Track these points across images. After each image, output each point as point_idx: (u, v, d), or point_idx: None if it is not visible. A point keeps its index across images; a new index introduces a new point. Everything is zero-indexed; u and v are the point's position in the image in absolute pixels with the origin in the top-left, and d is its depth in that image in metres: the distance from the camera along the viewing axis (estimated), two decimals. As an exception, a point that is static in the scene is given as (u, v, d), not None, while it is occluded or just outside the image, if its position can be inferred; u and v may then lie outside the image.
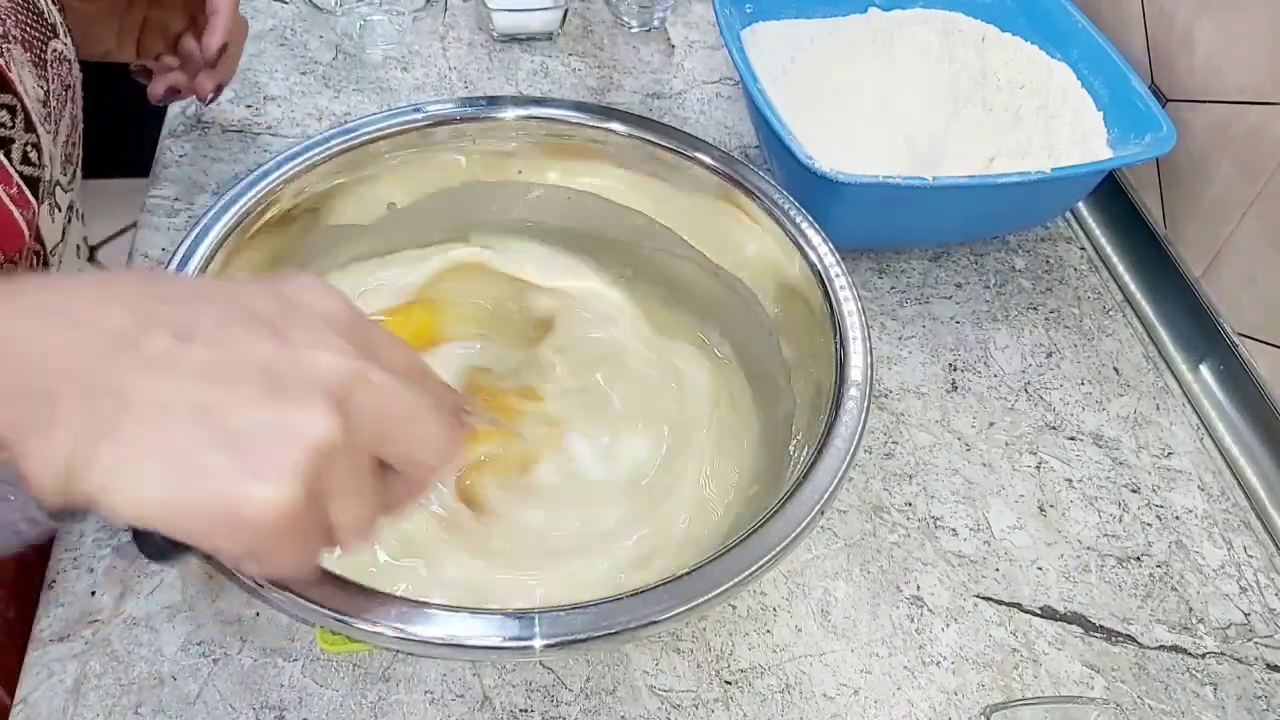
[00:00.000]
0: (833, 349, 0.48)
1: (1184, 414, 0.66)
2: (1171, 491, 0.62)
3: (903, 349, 0.67)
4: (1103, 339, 0.70)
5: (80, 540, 0.52)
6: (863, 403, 0.45)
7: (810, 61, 0.74)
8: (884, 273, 0.72)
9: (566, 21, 0.87)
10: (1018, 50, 0.74)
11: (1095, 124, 0.70)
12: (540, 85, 0.83)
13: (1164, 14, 0.72)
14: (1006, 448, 0.62)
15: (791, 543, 0.41)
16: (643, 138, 0.57)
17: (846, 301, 0.49)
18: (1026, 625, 0.54)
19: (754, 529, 0.41)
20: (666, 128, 0.58)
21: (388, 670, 0.49)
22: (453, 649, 0.38)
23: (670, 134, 0.57)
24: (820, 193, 0.60)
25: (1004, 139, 0.69)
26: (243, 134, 0.74)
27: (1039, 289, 0.72)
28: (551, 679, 0.50)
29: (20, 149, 0.45)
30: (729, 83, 0.85)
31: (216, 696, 0.48)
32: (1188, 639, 0.55)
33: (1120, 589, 0.57)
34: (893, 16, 0.78)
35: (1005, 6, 0.78)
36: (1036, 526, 0.59)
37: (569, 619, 0.38)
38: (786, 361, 0.54)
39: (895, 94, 0.72)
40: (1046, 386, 0.66)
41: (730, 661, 0.51)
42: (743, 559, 0.40)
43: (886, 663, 0.52)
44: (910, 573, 0.56)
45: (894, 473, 0.60)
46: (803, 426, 0.49)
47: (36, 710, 0.46)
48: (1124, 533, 0.59)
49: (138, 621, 0.50)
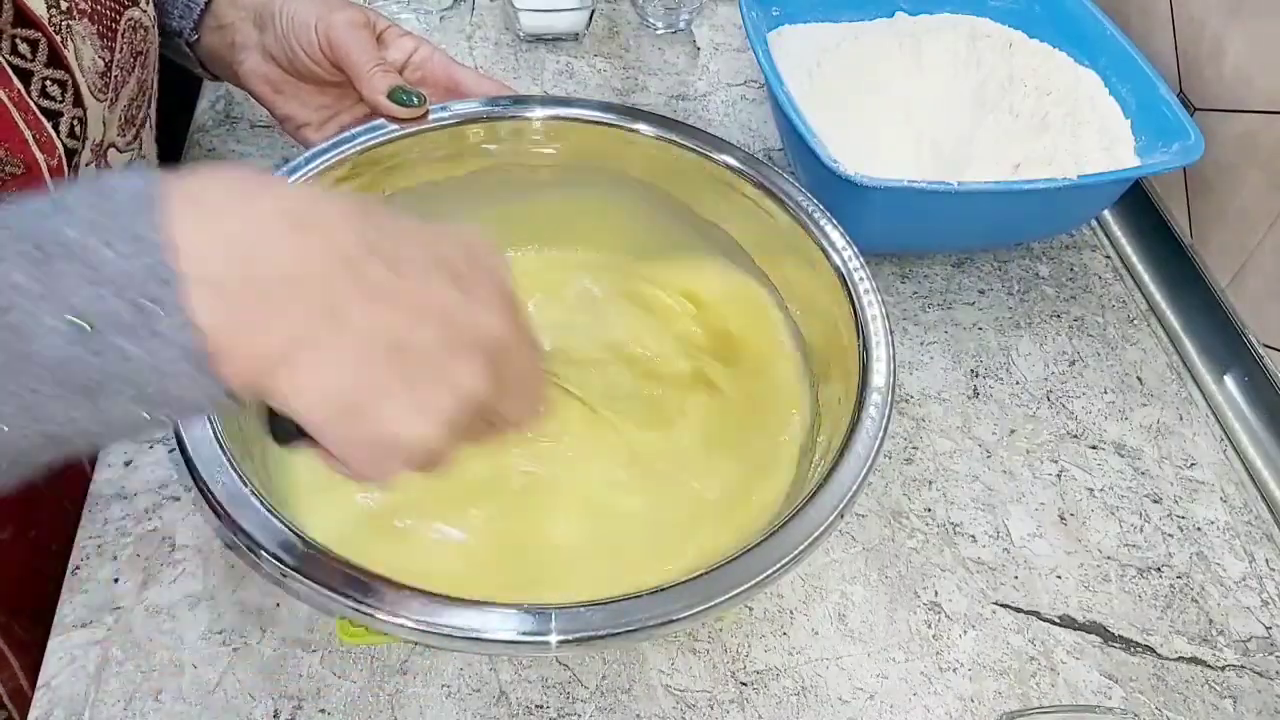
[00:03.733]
0: (856, 353, 0.48)
1: (1207, 425, 0.66)
2: (1193, 503, 0.61)
3: (924, 354, 0.67)
4: (1126, 348, 0.69)
5: (104, 528, 0.53)
6: (885, 408, 0.45)
7: (836, 65, 0.74)
8: (907, 277, 0.71)
9: (592, 22, 0.87)
10: (1046, 56, 0.74)
11: (1122, 131, 0.70)
12: (565, 86, 0.83)
13: (1193, 22, 0.72)
14: (1027, 455, 0.62)
15: (809, 546, 0.41)
16: (668, 139, 0.57)
17: (870, 306, 0.49)
18: (1045, 634, 0.54)
19: (773, 531, 0.41)
20: (692, 129, 0.58)
21: (405, 663, 0.50)
22: (469, 641, 0.38)
23: (695, 135, 0.57)
24: (844, 196, 0.60)
25: (1030, 145, 0.68)
26: (270, 129, 0.75)
27: (1063, 296, 0.72)
28: (567, 675, 0.50)
29: (68, 122, 0.47)
30: (754, 85, 0.85)
31: (236, 685, 0.48)
32: (1207, 651, 0.55)
33: (1140, 599, 0.56)
34: (919, 21, 0.78)
35: (1033, 12, 0.77)
36: (1056, 535, 0.58)
37: (586, 615, 0.39)
38: (809, 363, 0.54)
39: (921, 98, 0.72)
40: (1069, 395, 0.66)
41: (746, 663, 0.51)
42: (761, 561, 0.40)
43: (903, 668, 0.52)
44: (928, 578, 0.56)
45: (914, 478, 0.60)
46: (823, 430, 0.49)
47: (59, 695, 0.47)
48: (1145, 543, 0.59)
49: (159, 609, 0.50)
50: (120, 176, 0.30)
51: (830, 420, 0.49)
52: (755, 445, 0.53)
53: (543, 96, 0.61)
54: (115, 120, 0.53)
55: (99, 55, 0.49)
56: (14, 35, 0.44)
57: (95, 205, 0.29)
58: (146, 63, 0.55)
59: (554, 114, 0.58)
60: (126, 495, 0.54)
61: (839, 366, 0.50)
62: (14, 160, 0.45)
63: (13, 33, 0.44)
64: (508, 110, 0.58)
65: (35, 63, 0.45)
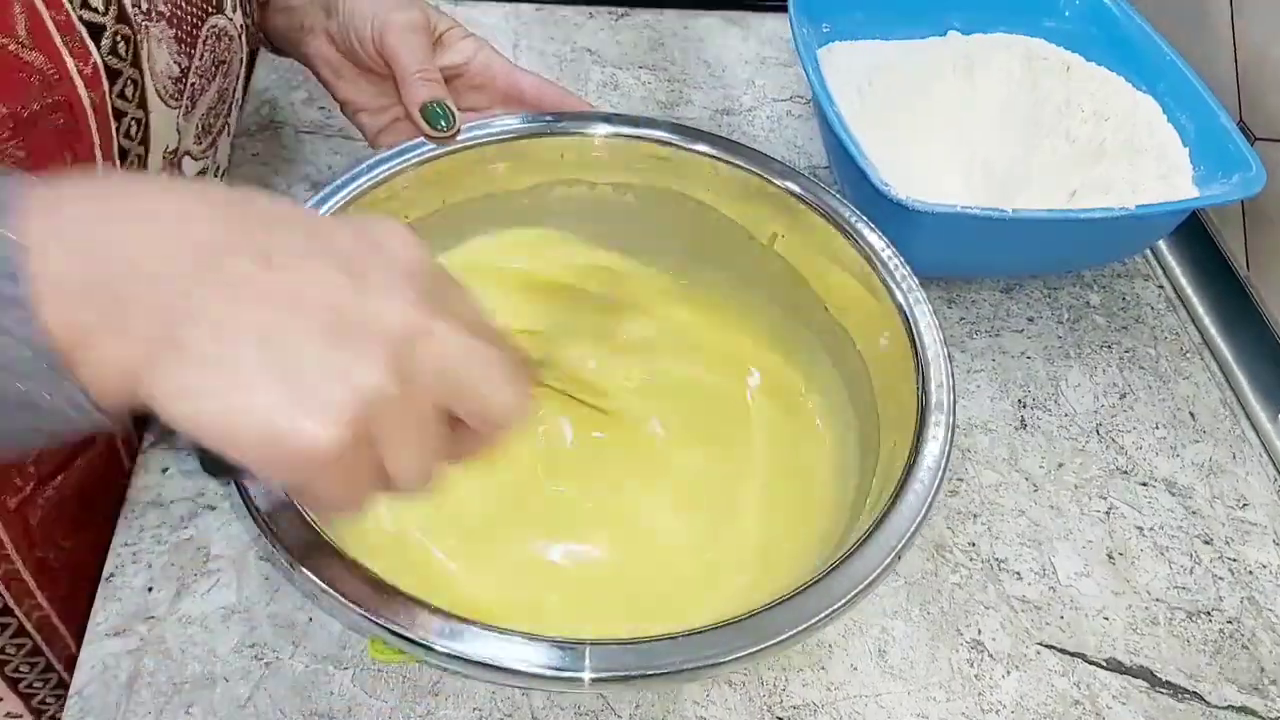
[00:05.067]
0: (913, 383, 0.47)
1: (1260, 464, 0.64)
2: (1245, 544, 0.59)
3: (970, 382, 0.65)
4: (1179, 382, 0.67)
5: (140, 535, 0.52)
6: (944, 445, 0.44)
7: (887, 84, 0.73)
8: (953, 303, 0.70)
9: (638, 33, 0.87)
10: (1103, 81, 0.72)
11: (1180, 160, 0.68)
12: (610, 98, 0.82)
13: (1256, 49, 0.70)
14: (1075, 490, 0.60)
15: (856, 596, 0.40)
16: (724, 159, 0.57)
17: (928, 336, 0.48)
18: (1090, 677, 0.53)
19: (822, 575, 0.40)
20: (749, 149, 0.57)
21: (437, 685, 0.49)
22: (499, 672, 0.38)
23: (750, 156, 0.57)
24: (893, 219, 0.58)
25: (1087, 172, 0.67)
26: (314, 135, 0.75)
27: (1114, 327, 0.70)
28: (601, 704, 0.49)
29: (127, 122, 0.46)
30: (799, 100, 0.84)
31: (267, 701, 0.48)
32: (1258, 700, 0.53)
33: (1189, 644, 0.55)
34: (973, 40, 0.76)
35: (1090, 34, 0.76)
36: (1104, 574, 0.57)
37: (621, 655, 0.38)
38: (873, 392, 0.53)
39: (974, 120, 0.70)
40: (1119, 429, 0.64)
41: (783, 697, 0.50)
42: (808, 607, 0.39)
43: (944, 708, 0.51)
44: (971, 615, 0.54)
45: (958, 510, 0.59)
46: (877, 475, 0.48)
47: (90, 704, 0.47)
48: (1195, 585, 0.57)
49: (192, 620, 0.50)
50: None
51: (884, 454, 0.48)
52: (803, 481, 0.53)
53: (607, 114, 0.59)
54: (191, 129, 0.53)
55: (174, 60, 0.48)
56: (115, 32, 0.44)
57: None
58: (229, 71, 0.55)
59: (615, 131, 0.57)
60: (162, 503, 0.54)
61: (894, 396, 0.50)
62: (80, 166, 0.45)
63: (114, 28, 0.44)
64: (571, 127, 0.57)
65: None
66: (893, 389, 0.50)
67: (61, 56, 0.42)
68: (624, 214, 0.60)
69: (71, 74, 0.42)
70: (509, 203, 0.58)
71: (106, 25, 0.43)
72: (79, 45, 0.42)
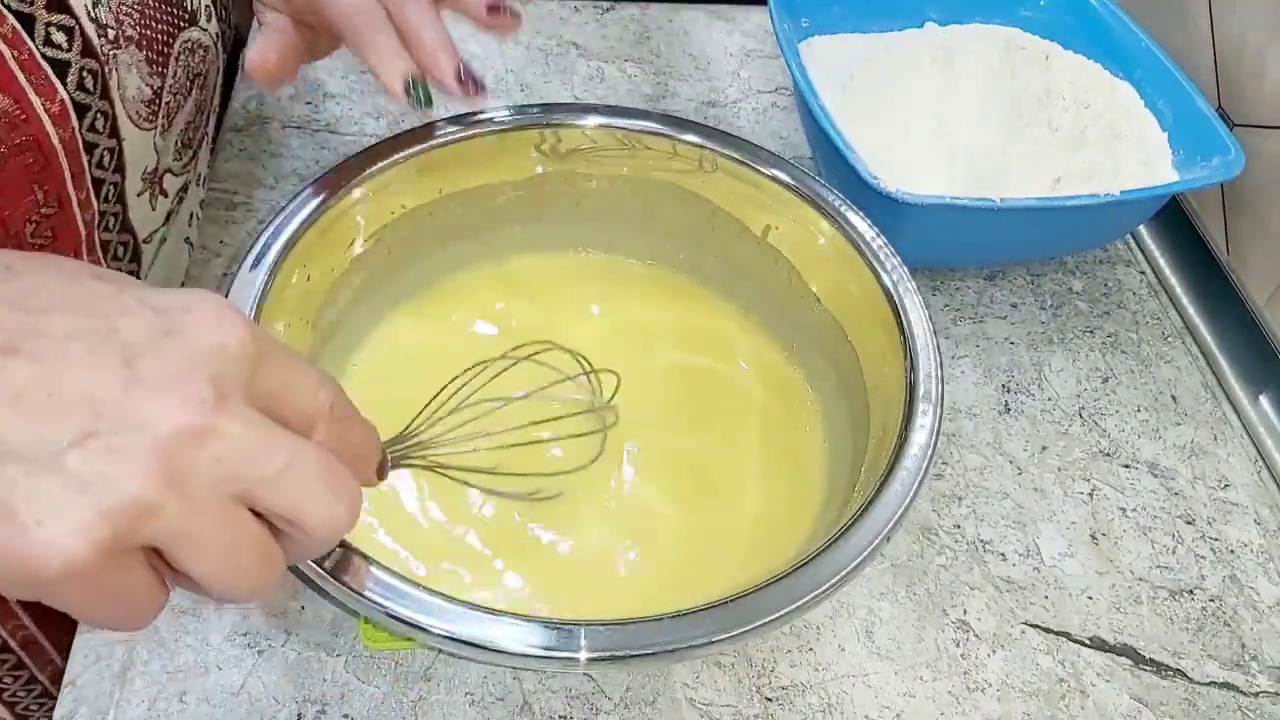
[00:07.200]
0: (902, 371, 0.47)
1: (1242, 445, 0.65)
2: (1227, 524, 0.60)
3: (955, 369, 0.66)
4: (1161, 366, 0.68)
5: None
6: (931, 434, 0.44)
7: (868, 77, 0.73)
8: (938, 290, 0.71)
9: (624, 26, 0.87)
10: (1081, 69, 0.73)
11: (1160, 145, 0.69)
12: (596, 90, 0.83)
13: (1234, 37, 0.71)
14: (1059, 473, 0.61)
15: (846, 577, 0.40)
16: (711, 148, 0.57)
17: (918, 327, 0.49)
18: (1075, 655, 0.53)
19: (810, 558, 0.40)
20: (740, 140, 0.58)
21: (429, 670, 0.49)
22: (494, 654, 0.38)
23: (741, 146, 0.57)
24: (880, 211, 0.59)
25: (1069, 160, 0.67)
26: (302, 130, 0.75)
27: (1096, 312, 0.71)
28: (592, 687, 0.50)
29: (100, 153, 0.46)
30: (784, 92, 0.85)
31: (260, 688, 0.48)
32: (1240, 676, 0.54)
33: (1172, 622, 0.55)
34: (950, 32, 0.77)
35: (1066, 23, 0.76)
36: (1088, 555, 0.58)
37: (616, 635, 0.38)
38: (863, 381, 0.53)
39: (955, 111, 0.71)
40: (1102, 412, 0.65)
41: (772, 678, 0.51)
42: (796, 588, 0.39)
43: (930, 687, 0.51)
44: (957, 596, 0.55)
45: (944, 494, 0.59)
46: (865, 452, 0.48)
47: (84, 694, 0.47)
48: (1177, 565, 0.58)
49: (185, 610, 0.50)
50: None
51: (874, 439, 0.48)
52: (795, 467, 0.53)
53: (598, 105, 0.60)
54: (170, 146, 0.52)
55: (146, 83, 0.48)
56: (80, 67, 0.43)
57: None
58: (205, 84, 0.54)
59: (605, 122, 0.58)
60: (154, 494, 0.54)
61: (881, 380, 0.50)
62: (50, 202, 0.44)
63: (80, 63, 0.43)
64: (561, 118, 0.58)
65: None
66: (882, 377, 0.50)
67: (27, 96, 0.40)
68: (616, 205, 0.60)
69: (38, 113, 0.41)
70: (501, 194, 0.59)
71: (72, 61, 0.42)
72: (44, 83, 0.41)
